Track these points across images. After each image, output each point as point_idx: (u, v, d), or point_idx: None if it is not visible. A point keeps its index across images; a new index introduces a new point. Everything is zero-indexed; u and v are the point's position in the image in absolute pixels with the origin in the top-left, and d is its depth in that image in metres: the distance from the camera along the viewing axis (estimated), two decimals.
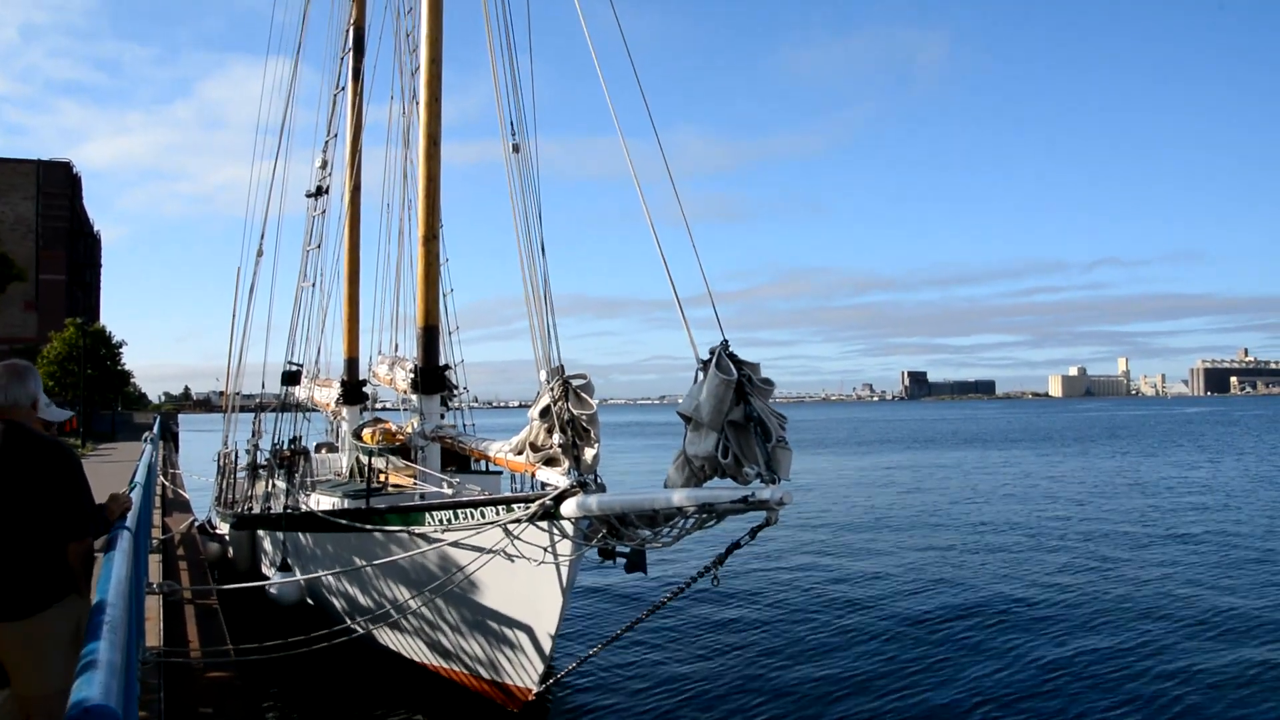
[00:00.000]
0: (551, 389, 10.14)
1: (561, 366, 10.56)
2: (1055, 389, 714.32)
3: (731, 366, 8.21)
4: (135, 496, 7.87)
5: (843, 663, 14.57)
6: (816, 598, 19.35)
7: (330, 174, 21.06)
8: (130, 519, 6.45)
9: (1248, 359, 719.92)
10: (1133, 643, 15.65)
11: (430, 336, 15.66)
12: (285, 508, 15.87)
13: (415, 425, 15.58)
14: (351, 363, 22.81)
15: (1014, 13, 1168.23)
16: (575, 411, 9.99)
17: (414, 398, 16.19)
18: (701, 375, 8.34)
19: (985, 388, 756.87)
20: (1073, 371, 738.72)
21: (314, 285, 20.22)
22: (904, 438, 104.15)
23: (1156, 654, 14.98)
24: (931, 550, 25.59)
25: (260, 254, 23.94)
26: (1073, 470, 54.69)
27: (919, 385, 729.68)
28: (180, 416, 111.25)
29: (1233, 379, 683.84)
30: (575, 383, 10.09)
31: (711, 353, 8.38)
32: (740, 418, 8.24)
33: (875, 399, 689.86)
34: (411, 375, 16.20)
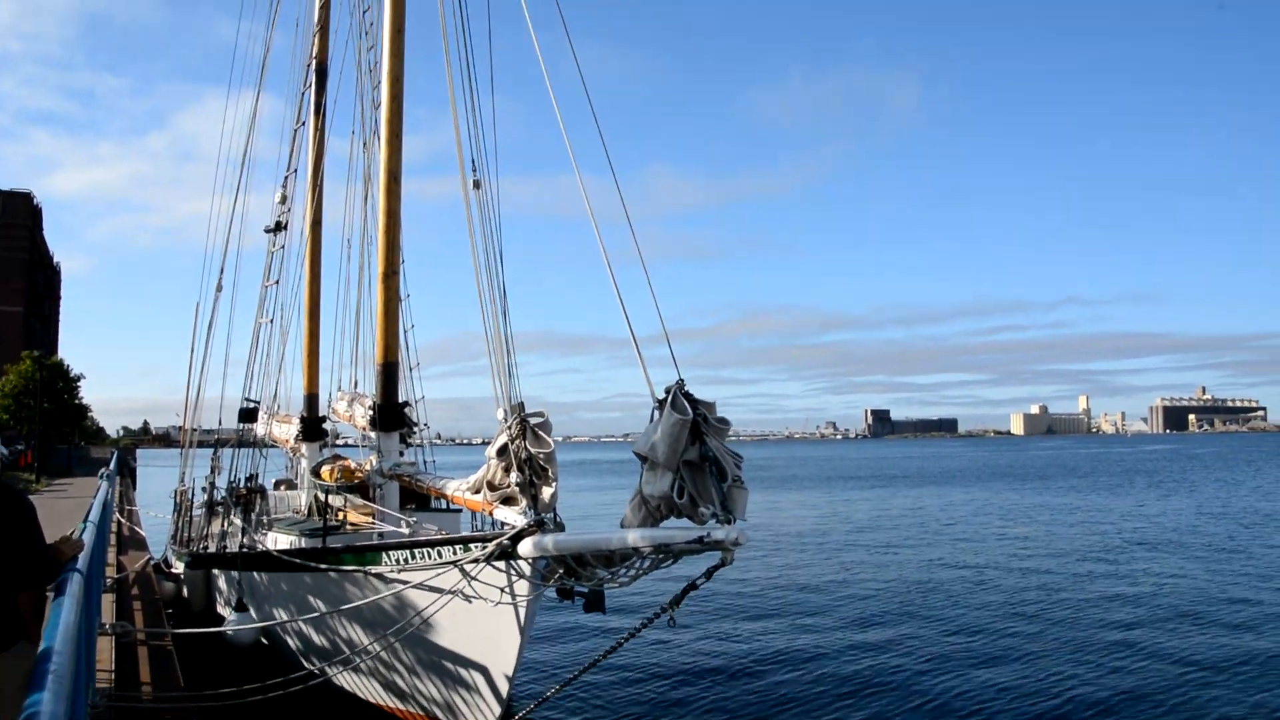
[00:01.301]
0: (509, 427, 10.13)
1: (521, 404, 10.55)
2: (1017, 427, 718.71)
3: (687, 406, 8.24)
4: (88, 537, 7.81)
5: (801, 699, 14.60)
6: (775, 635, 19.39)
7: (290, 209, 21.01)
8: (82, 560, 6.39)
9: (1205, 397, 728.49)
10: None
11: (389, 373, 15.57)
12: (241, 546, 15.72)
13: (374, 463, 15.49)
14: (311, 398, 22.66)
15: (984, 55, 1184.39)
16: (532, 450, 9.98)
17: (373, 435, 16.09)
18: (657, 414, 8.38)
19: (948, 425, 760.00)
20: (1034, 410, 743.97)
21: (272, 322, 20.08)
22: (866, 475, 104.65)
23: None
24: (891, 585, 25.69)
25: (220, 289, 23.76)
26: (1032, 507, 55.03)
27: (882, 423, 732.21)
28: (139, 451, 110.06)
29: (1191, 416, 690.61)
30: (533, 421, 10.09)
31: (667, 392, 8.41)
32: (696, 457, 8.27)
33: (839, 437, 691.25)
34: (370, 412, 16.11)
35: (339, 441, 21.49)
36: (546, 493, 9.89)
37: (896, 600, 23.55)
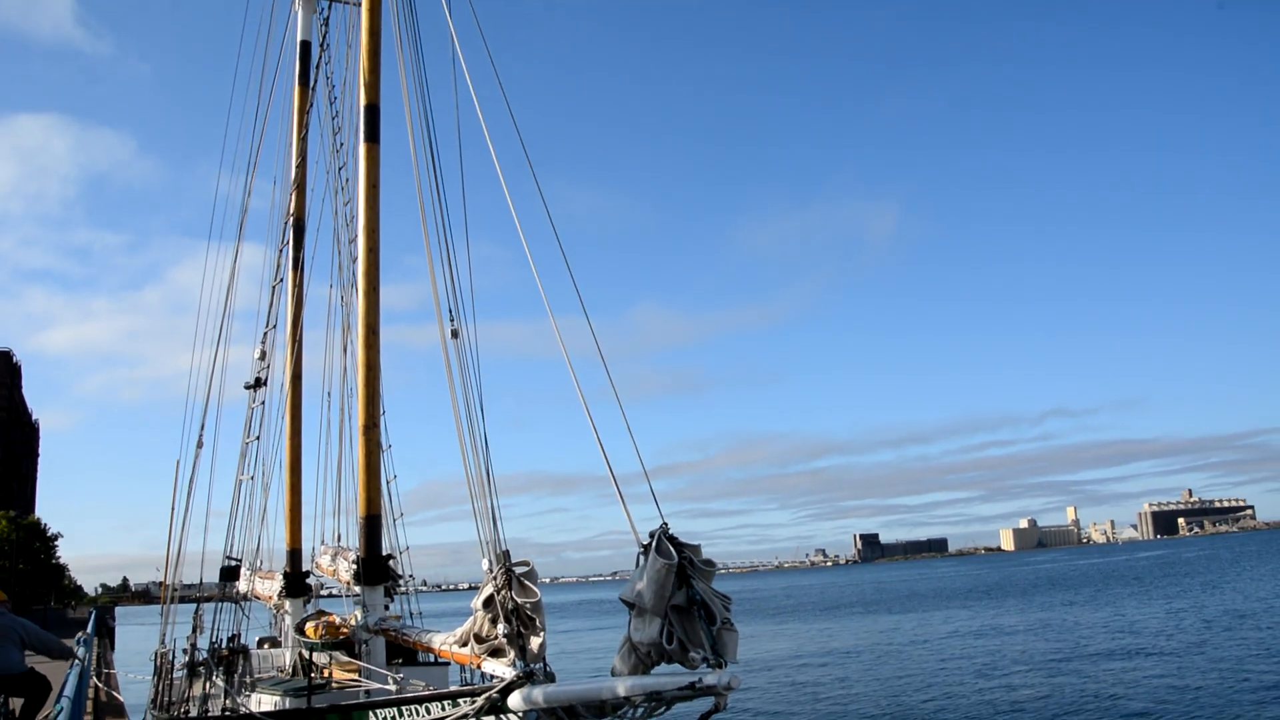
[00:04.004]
0: (494, 578, 10.02)
1: (506, 551, 10.44)
2: (1007, 543, 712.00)
3: (672, 550, 8.19)
4: (63, 718, 7.62)
5: None
6: None
7: (269, 365, 21.04)
8: None
9: (1193, 499, 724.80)
10: None
11: (372, 526, 15.37)
12: (223, 709, 15.33)
13: (359, 617, 15.23)
14: (294, 553, 22.31)
15: (959, 181, 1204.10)
16: (519, 600, 9.86)
17: (358, 588, 15.84)
18: (643, 560, 8.32)
19: (938, 546, 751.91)
20: (1023, 524, 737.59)
21: (253, 479, 19.88)
22: (854, 602, 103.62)
23: None
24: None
25: (200, 445, 23.62)
26: (1023, 625, 54.46)
27: (871, 547, 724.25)
28: (118, 609, 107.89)
29: (1180, 520, 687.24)
30: (518, 570, 9.99)
31: (651, 536, 8.38)
32: (683, 601, 8.19)
33: (828, 564, 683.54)
34: (354, 566, 15.88)
35: (323, 592, 21.13)
36: (535, 643, 9.74)
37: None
